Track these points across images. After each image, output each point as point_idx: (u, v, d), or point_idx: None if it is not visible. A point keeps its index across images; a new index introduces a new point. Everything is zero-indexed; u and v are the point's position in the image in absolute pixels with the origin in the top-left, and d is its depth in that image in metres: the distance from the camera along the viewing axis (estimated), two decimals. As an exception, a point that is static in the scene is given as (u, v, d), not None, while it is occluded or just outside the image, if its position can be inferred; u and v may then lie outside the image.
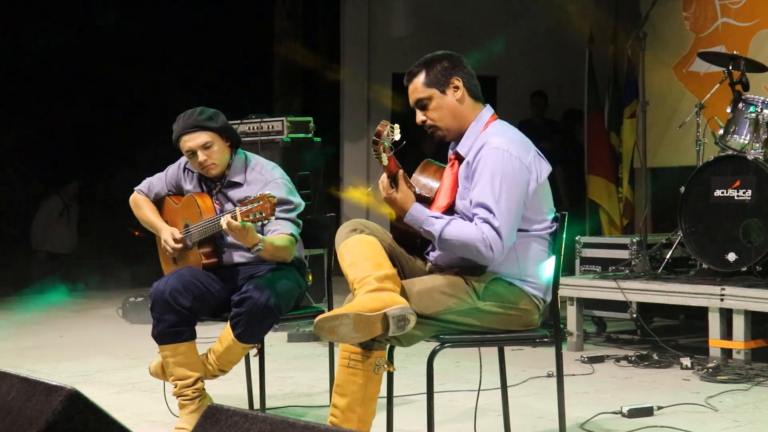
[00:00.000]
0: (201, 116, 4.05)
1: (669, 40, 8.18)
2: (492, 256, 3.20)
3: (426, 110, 3.43)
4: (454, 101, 3.41)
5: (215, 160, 4.06)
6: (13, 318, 7.91)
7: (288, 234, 3.97)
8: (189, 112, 4.09)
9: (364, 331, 3.09)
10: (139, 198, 4.30)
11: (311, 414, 4.46)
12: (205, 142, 4.03)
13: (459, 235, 3.21)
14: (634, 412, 4.26)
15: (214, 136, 4.05)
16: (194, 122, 4.04)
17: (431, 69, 3.42)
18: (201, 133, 4.03)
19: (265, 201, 3.65)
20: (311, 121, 7.03)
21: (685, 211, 5.81)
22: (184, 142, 4.06)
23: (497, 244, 3.19)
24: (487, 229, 3.19)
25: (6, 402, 2.26)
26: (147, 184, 4.31)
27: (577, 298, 5.99)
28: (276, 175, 4.12)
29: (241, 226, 3.67)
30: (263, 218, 3.66)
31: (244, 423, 2.06)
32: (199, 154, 4.04)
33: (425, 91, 3.41)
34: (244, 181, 4.11)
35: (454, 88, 3.41)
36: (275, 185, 4.04)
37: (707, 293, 5.40)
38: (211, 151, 4.05)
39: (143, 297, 7.45)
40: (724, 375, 5.04)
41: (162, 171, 4.32)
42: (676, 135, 7.49)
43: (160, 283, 3.90)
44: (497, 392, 3.80)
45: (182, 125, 4.06)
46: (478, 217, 3.22)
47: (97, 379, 5.36)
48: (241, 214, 3.67)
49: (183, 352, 3.90)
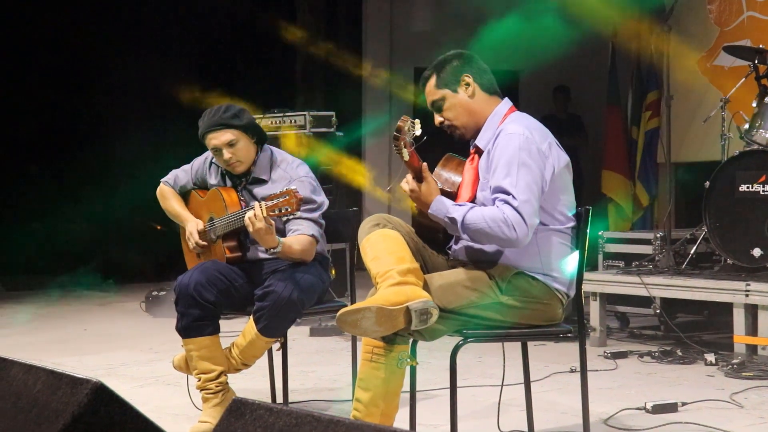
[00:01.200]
0: (226, 114, 4.05)
1: (693, 33, 8.11)
2: (516, 236, 3.17)
3: (442, 111, 3.46)
4: (466, 98, 3.43)
5: (240, 157, 4.07)
6: (37, 312, 7.96)
7: (308, 235, 3.98)
8: (215, 108, 4.09)
9: (386, 325, 3.09)
10: (166, 189, 4.31)
11: (334, 408, 4.47)
12: (230, 140, 4.04)
13: (482, 218, 3.18)
14: (658, 407, 4.24)
15: (239, 134, 4.05)
16: (219, 120, 4.04)
17: (441, 70, 3.46)
18: (226, 131, 4.03)
19: (291, 196, 3.67)
20: (334, 116, 7.03)
21: (710, 206, 5.77)
22: (209, 139, 4.06)
23: (520, 224, 3.17)
24: (509, 210, 3.17)
25: (32, 395, 2.27)
26: (173, 176, 4.32)
27: (600, 294, 5.97)
28: (301, 172, 4.12)
29: (263, 224, 3.68)
30: (288, 213, 3.69)
31: (269, 417, 2.05)
32: (224, 152, 4.04)
33: (437, 92, 3.45)
34: (269, 178, 4.11)
35: (465, 84, 3.43)
36: (300, 183, 4.04)
37: (732, 289, 5.36)
38: (236, 149, 4.05)
39: (166, 291, 7.48)
40: (749, 371, 5.00)
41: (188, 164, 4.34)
42: (700, 129, 7.43)
43: (185, 277, 3.91)
44: (520, 387, 3.79)
45: (208, 122, 4.07)
46: (498, 200, 3.21)
47: (121, 372, 5.39)
48: (267, 208, 3.68)
49: (207, 346, 3.92)
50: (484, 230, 3.18)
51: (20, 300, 8.62)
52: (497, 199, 3.22)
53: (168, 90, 9.95)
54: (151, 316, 7.56)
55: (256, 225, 3.70)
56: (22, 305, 8.30)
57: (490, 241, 3.23)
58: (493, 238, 3.20)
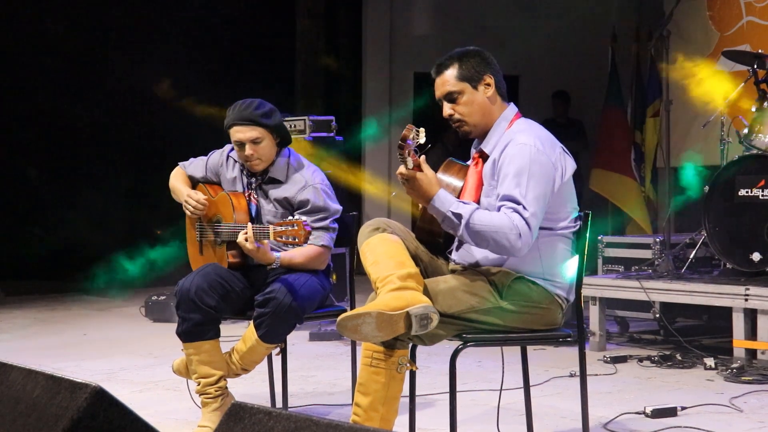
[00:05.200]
0: (257, 111, 4.04)
1: (693, 38, 8.12)
2: (520, 246, 3.16)
3: (455, 104, 3.39)
4: (485, 98, 3.39)
5: (261, 156, 4.06)
6: (37, 316, 7.96)
7: (318, 245, 4.01)
8: (247, 102, 4.08)
9: (386, 330, 3.08)
10: (178, 171, 4.32)
11: (334, 413, 4.46)
12: (255, 137, 4.03)
13: (489, 221, 3.16)
14: (658, 412, 4.24)
15: (265, 133, 4.05)
16: (249, 116, 4.03)
17: (464, 63, 3.39)
18: (254, 128, 4.03)
19: (300, 228, 3.71)
20: (333, 120, 7.04)
21: (709, 210, 5.77)
22: (234, 131, 4.05)
23: (526, 234, 3.16)
24: (518, 219, 3.15)
25: (31, 399, 2.27)
26: (190, 162, 4.32)
27: (599, 298, 5.97)
28: (316, 179, 4.12)
29: (253, 246, 3.81)
30: (295, 243, 3.76)
31: (268, 421, 2.06)
32: (246, 148, 4.04)
33: (457, 84, 3.38)
34: (284, 179, 4.11)
35: (486, 85, 3.39)
36: (313, 190, 4.05)
37: (731, 293, 5.36)
38: (259, 147, 4.05)
39: (165, 296, 7.48)
40: (749, 375, 5.00)
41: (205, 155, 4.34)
42: (700, 134, 7.44)
43: (186, 282, 3.91)
44: (520, 392, 3.79)
45: (237, 115, 4.05)
46: (505, 208, 3.18)
47: (121, 377, 5.38)
48: (274, 233, 3.74)
49: (207, 351, 3.92)
50: (490, 233, 3.15)
51: (20, 305, 8.62)
52: (505, 207, 3.19)
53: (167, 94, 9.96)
54: (151, 320, 7.56)
55: (247, 247, 3.83)
56: (22, 310, 8.30)
57: (489, 245, 3.20)
58: (496, 243, 3.16)
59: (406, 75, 10.91)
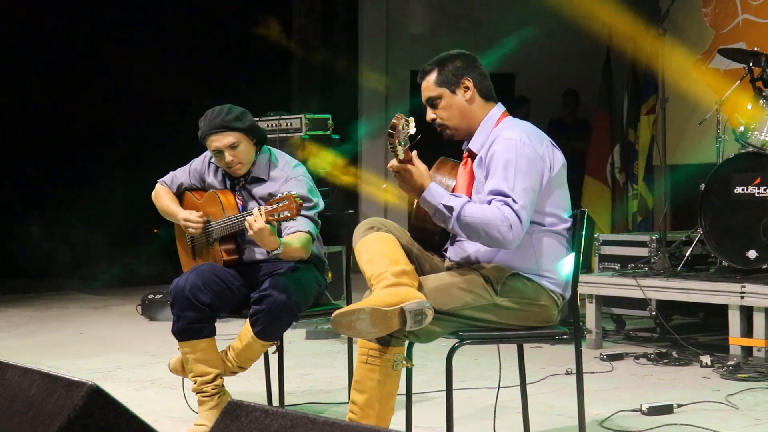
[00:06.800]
0: (228, 116, 4.03)
1: (689, 36, 8.13)
2: (511, 238, 3.15)
3: (436, 108, 3.43)
4: (463, 102, 3.41)
5: (242, 159, 4.06)
6: (33, 314, 7.95)
7: (305, 232, 3.96)
8: (216, 110, 4.07)
9: (381, 326, 3.09)
10: (161, 189, 4.30)
11: (330, 411, 4.47)
12: (232, 143, 4.02)
13: (480, 213, 3.16)
14: (654, 409, 4.24)
15: (241, 136, 4.04)
16: (222, 122, 4.02)
17: (443, 68, 3.43)
18: (228, 134, 4.02)
19: (291, 201, 3.65)
20: (329, 119, 7.04)
21: (705, 208, 5.78)
22: (211, 141, 4.04)
23: (517, 226, 3.16)
24: (508, 211, 3.16)
25: (27, 397, 2.27)
26: (170, 177, 4.31)
27: (596, 296, 5.97)
28: (298, 172, 4.12)
29: (264, 227, 3.66)
30: (288, 218, 3.68)
31: (264, 419, 2.06)
32: (225, 155, 4.03)
33: (436, 90, 3.42)
34: (267, 177, 4.11)
35: (465, 88, 3.41)
36: (296, 182, 4.04)
37: (727, 291, 5.37)
38: (237, 151, 4.04)
39: (162, 294, 7.48)
40: (745, 373, 5.01)
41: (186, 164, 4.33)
42: (695, 132, 7.44)
43: (180, 280, 3.91)
44: (516, 389, 3.79)
45: (209, 124, 4.04)
46: (495, 201, 3.19)
47: (117, 375, 5.38)
48: (266, 213, 3.68)
49: (203, 349, 3.92)
50: (481, 225, 3.15)
51: (16, 303, 8.62)
52: (494, 200, 3.19)
53: (164, 94, 9.95)
54: (147, 319, 7.55)
55: (255, 227, 3.68)
56: (18, 308, 8.29)
57: (480, 238, 3.19)
58: (487, 235, 3.16)
59: (403, 73, 10.91)
